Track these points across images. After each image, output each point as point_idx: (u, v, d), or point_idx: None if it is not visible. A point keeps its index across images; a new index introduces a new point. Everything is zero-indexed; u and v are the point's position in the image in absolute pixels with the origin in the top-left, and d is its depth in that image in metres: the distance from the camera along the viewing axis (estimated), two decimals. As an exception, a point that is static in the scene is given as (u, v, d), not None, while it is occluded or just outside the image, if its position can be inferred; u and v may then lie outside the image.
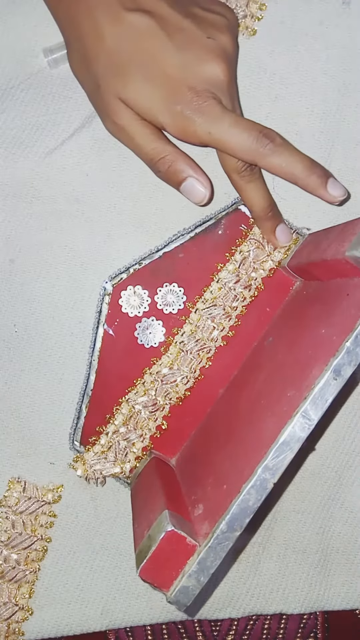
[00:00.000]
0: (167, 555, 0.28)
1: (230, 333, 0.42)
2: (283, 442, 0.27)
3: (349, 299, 0.31)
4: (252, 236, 0.42)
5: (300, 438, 0.27)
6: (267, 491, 0.27)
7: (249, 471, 0.28)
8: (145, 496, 0.37)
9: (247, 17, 0.42)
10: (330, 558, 0.44)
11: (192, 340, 0.42)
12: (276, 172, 0.37)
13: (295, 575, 0.44)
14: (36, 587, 0.43)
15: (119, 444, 0.41)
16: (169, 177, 0.38)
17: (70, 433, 0.43)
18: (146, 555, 0.29)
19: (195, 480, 0.36)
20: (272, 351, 0.39)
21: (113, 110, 0.36)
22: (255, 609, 0.44)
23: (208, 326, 0.41)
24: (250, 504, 0.27)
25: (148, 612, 0.43)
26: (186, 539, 0.28)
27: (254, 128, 0.35)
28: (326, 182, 0.36)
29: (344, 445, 0.44)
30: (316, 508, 0.44)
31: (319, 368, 0.28)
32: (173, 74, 0.35)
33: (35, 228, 0.42)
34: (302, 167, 0.36)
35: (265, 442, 0.28)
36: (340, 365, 0.27)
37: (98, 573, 0.43)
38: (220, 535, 0.28)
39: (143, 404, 0.41)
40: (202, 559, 0.28)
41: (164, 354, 0.42)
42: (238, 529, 0.28)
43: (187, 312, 0.42)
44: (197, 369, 0.42)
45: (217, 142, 0.36)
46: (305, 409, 0.27)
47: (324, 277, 0.37)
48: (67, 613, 0.43)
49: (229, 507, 0.28)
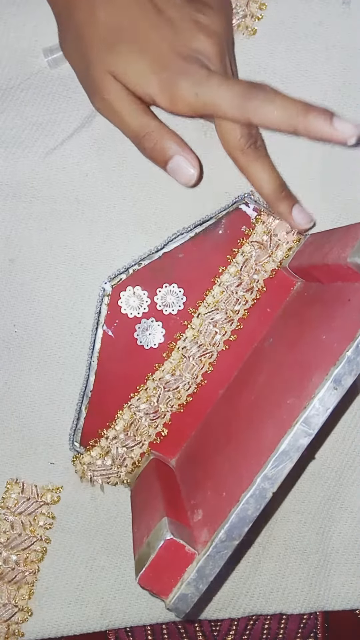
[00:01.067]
0: (166, 563, 0.28)
1: (232, 337, 0.42)
2: (283, 452, 0.27)
3: (350, 304, 0.31)
4: (253, 237, 0.41)
5: (300, 447, 0.27)
6: (266, 500, 0.27)
7: (248, 480, 0.28)
8: (145, 499, 0.36)
9: (247, 17, 0.41)
10: (330, 558, 0.44)
11: (195, 345, 0.41)
12: (273, 124, 0.34)
13: (295, 576, 0.44)
14: (36, 588, 0.43)
15: (118, 450, 0.41)
16: (155, 155, 0.37)
17: (70, 434, 0.43)
18: (145, 563, 0.29)
19: (195, 483, 0.36)
20: (272, 353, 0.39)
21: (103, 85, 0.36)
22: (255, 609, 0.44)
23: (210, 331, 0.41)
24: (249, 513, 0.27)
25: (148, 612, 0.43)
26: (185, 547, 0.28)
27: (241, 83, 0.35)
28: (330, 119, 0.33)
29: (344, 446, 0.44)
30: (316, 508, 0.44)
31: (319, 376, 0.28)
32: (162, 46, 0.35)
33: (35, 228, 0.42)
34: (297, 110, 0.34)
35: (265, 449, 0.28)
36: (340, 375, 0.27)
37: (98, 573, 0.43)
38: (219, 544, 0.27)
39: (145, 411, 0.41)
40: (200, 567, 0.28)
41: (167, 359, 0.42)
42: (237, 538, 0.27)
43: (187, 313, 0.42)
44: (199, 375, 0.42)
45: (206, 105, 0.35)
46: (306, 418, 0.27)
47: (325, 280, 0.36)
48: (66, 613, 0.43)
49: (228, 516, 0.28)
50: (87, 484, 0.43)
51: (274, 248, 0.41)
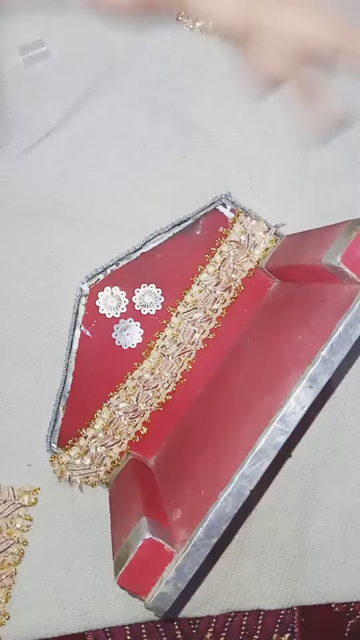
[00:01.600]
0: (145, 563, 0.28)
1: (210, 336, 0.42)
2: (260, 450, 0.27)
3: (325, 305, 0.31)
4: (231, 236, 0.42)
5: (277, 445, 0.28)
6: (244, 498, 0.28)
7: (225, 478, 0.28)
8: (124, 500, 0.36)
9: None
10: (307, 554, 0.45)
11: (174, 344, 0.41)
12: None
13: (272, 571, 0.45)
14: (13, 591, 0.42)
15: (97, 449, 0.41)
16: None
17: (47, 435, 0.42)
18: (124, 563, 0.29)
19: (174, 482, 0.36)
20: (249, 353, 0.39)
21: None
22: (233, 606, 0.45)
23: (189, 330, 0.41)
24: (227, 511, 0.28)
25: (127, 612, 0.43)
26: (164, 546, 0.28)
27: None
28: None
29: (319, 444, 0.45)
30: (293, 505, 0.45)
31: (295, 375, 0.28)
32: None
33: (10, 227, 0.41)
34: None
35: (242, 448, 0.29)
36: (316, 374, 0.27)
37: (76, 574, 0.43)
38: (198, 542, 0.28)
39: (124, 410, 0.41)
40: (179, 566, 0.28)
41: (145, 358, 0.42)
42: (215, 536, 0.28)
43: (166, 313, 0.42)
44: (178, 373, 0.42)
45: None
46: (282, 416, 0.27)
47: (301, 281, 0.37)
48: (44, 616, 0.43)
49: (206, 515, 0.28)
50: (65, 485, 0.42)
51: (251, 247, 0.42)
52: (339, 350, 0.28)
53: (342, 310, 0.29)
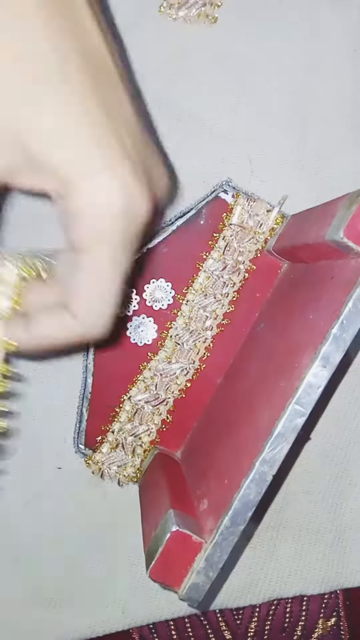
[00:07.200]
0: (174, 554, 0.28)
1: (225, 321, 0.42)
2: (278, 434, 0.27)
3: (333, 282, 0.30)
4: (232, 219, 0.41)
5: (296, 428, 0.27)
6: (266, 483, 0.27)
7: (247, 465, 0.28)
8: (152, 495, 0.37)
9: (207, 5, 0.41)
10: (344, 536, 0.45)
11: (187, 332, 0.41)
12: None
13: (311, 556, 0.44)
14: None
15: (126, 439, 0.41)
16: None
17: (74, 437, 0.43)
18: (154, 557, 0.29)
19: (200, 473, 0.36)
20: (263, 338, 0.39)
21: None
22: (275, 594, 0.44)
23: (201, 316, 0.41)
24: (251, 498, 0.27)
25: (169, 607, 0.44)
26: (192, 537, 0.28)
27: None
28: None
29: (346, 423, 0.44)
30: (326, 487, 0.44)
31: (308, 356, 0.28)
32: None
33: (12, 226, 0.41)
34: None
35: (262, 434, 0.28)
36: (328, 353, 0.27)
37: (115, 571, 0.43)
38: (225, 530, 0.28)
39: (145, 400, 0.41)
40: (209, 556, 0.28)
41: (160, 348, 0.42)
42: (242, 523, 0.28)
43: (178, 305, 0.42)
44: (196, 360, 0.42)
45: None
46: (298, 398, 0.27)
47: (309, 260, 0.36)
48: (88, 616, 0.43)
49: (231, 503, 0.28)
50: (97, 483, 0.43)
51: (256, 227, 0.41)
52: (350, 327, 0.27)
53: (350, 285, 0.28)
